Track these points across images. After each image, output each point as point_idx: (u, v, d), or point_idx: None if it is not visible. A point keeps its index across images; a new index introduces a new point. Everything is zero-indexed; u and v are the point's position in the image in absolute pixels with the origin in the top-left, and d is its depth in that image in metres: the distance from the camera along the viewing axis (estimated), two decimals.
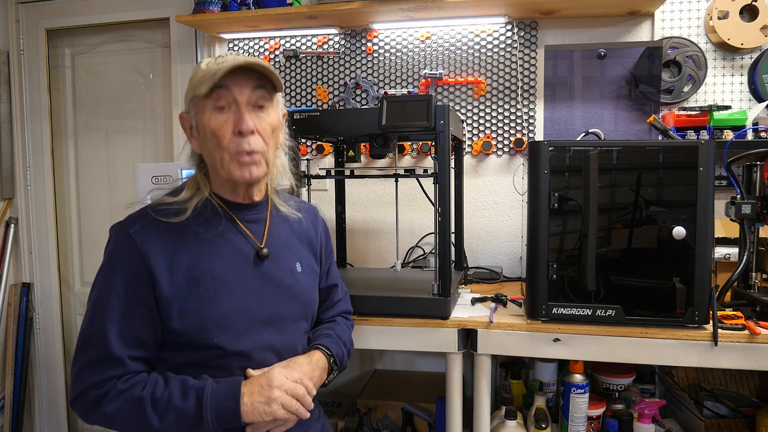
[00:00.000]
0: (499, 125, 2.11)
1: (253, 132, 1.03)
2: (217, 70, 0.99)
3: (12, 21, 2.52)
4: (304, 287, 1.18)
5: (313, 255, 1.25)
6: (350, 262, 2.11)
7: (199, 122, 1.06)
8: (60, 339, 2.61)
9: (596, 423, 1.60)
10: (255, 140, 1.04)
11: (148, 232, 1.03)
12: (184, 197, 1.08)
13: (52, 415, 2.63)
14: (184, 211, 1.05)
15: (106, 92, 2.53)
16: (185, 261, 1.03)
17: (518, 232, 2.12)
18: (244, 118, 1.02)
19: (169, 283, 1.01)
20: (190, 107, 1.08)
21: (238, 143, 1.03)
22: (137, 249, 1.01)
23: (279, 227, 1.18)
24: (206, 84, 1.00)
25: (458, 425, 1.50)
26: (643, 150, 1.38)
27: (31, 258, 2.59)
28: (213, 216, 1.09)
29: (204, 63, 1.06)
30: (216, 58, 1.05)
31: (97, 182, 2.58)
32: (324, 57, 2.23)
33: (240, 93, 1.03)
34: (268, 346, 1.07)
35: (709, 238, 1.33)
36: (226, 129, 1.03)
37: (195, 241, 1.05)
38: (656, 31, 1.98)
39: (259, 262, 1.11)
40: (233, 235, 1.10)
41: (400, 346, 1.49)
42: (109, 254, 1.04)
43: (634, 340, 1.36)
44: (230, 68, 1.00)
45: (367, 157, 2.18)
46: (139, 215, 1.06)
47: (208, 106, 1.03)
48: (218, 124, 1.03)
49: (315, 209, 1.33)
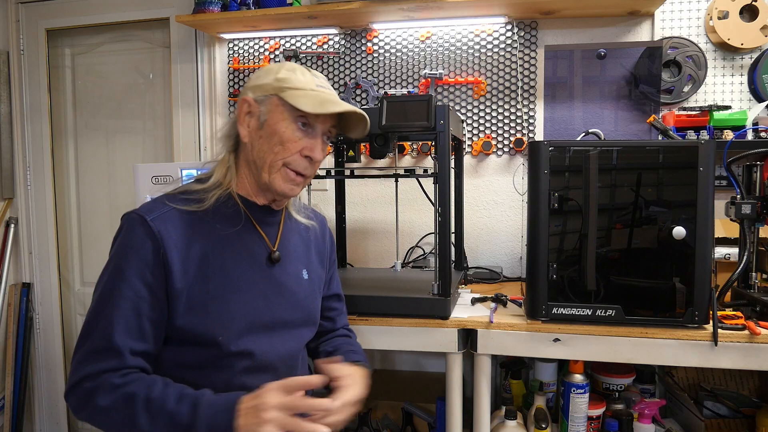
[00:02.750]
0: (499, 125, 2.11)
1: (320, 161, 1.08)
2: (326, 101, 1.03)
3: (12, 21, 2.52)
4: (308, 295, 1.18)
5: (321, 264, 1.25)
6: (350, 262, 2.11)
7: (270, 122, 1.04)
8: (60, 339, 2.61)
9: (596, 423, 1.59)
10: (313, 168, 1.08)
11: (166, 222, 1.01)
12: (210, 185, 1.08)
13: (52, 415, 2.62)
14: (205, 199, 1.05)
15: (106, 92, 2.53)
16: (198, 254, 1.02)
17: (518, 232, 2.12)
18: (319, 148, 1.07)
19: (181, 276, 0.99)
20: (265, 101, 1.05)
21: (300, 162, 1.06)
22: (155, 238, 0.99)
23: (291, 233, 1.18)
24: (311, 106, 1.01)
25: (458, 425, 1.50)
26: (643, 150, 1.38)
27: (31, 258, 2.59)
28: (232, 214, 1.08)
29: (299, 72, 1.06)
30: (310, 74, 1.07)
31: (97, 182, 2.58)
32: (324, 57, 2.23)
33: (324, 123, 1.07)
34: (269, 350, 1.07)
35: (709, 238, 1.33)
36: (297, 145, 1.04)
37: (210, 234, 1.04)
38: (656, 31, 1.98)
39: (269, 266, 1.11)
40: (248, 235, 1.09)
41: (400, 346, 1.49)
42: (122, 243, 1.01)
43: (634, 340, 1.36)
44: (344, 111, 1.04)
45: (367, 157, 2.18)
46: (156, 204, 1.04)
47: (291, 116, 1.04)
48: (293, 138, 1.04)
49: (324, 219, 1.34)
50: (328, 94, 1.06)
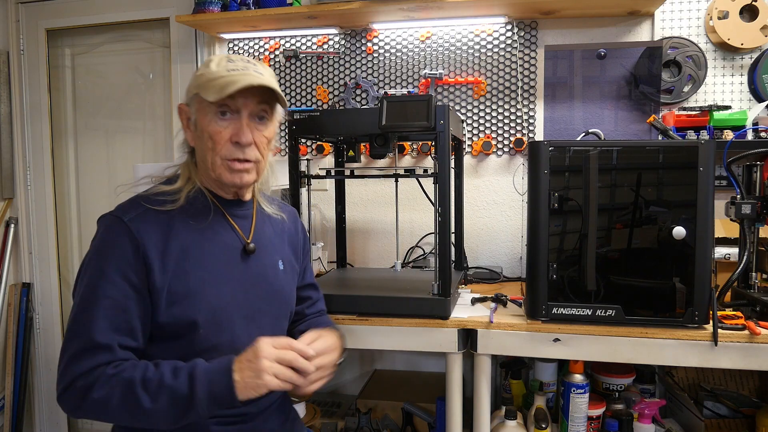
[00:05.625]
0: (499, 125, 2.11)
1: (250, 144, 1.06)
2: (228, 83, 1.00)
3: (12, 21, 2.51)
4: (284, 285, 1.21)
5: (294, 254, 1.28)
6: (350, 262, 2.11)
7: (198, 121, 1.06)
8: (60, 339, 2.60)
9: (596, 423, 1.60)
10: (250, 151, 1.06)
11: (143, 221, 1.03)
12: (179, 185, 1.09)
13: (52, 415, 2.63)
14: (178, 199, 1.06)
15: (106, 92, 2.53)
16: (176, 250, 1.03)
17: (518, 232, 2.12)
18: (243, 130, 1.05)
19: (161, 272, 1.01)
20: (192, 102, 1.08)
21: (232, 150, 1.05)
22: (133, 237, 1.00)
23: (264, 225, 1.20)
24: (214, 94, 1.01)
25: (458, 425, 1.50)
26: (643, 150, 1.38)
27: (31, 258, 2.59)
28: (204, 208, 1.10)
29: (214, 62, 1.06)
30: (227, 60, 1.05)
31: (97, 182, 2.58)
32: (324, 57, 2.23)
33: (245, 105, 1.05)
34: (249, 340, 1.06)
35: (709, 238, 1.33)
36: (224, 135, 1.04)
37: (186, 230, 1.06)
38: (656, 31, 1.98)
39: (246, 257, 1.13)
40: (222, 228, 1.11)
41: (400, 346, 1.49)
42: (99, 244, 1.03)
43: (634, 340, 1.36)
44: (243, 88, 1.00)
45: (367, 157, 2.18)
46: (131, 205, 1.06)
47: (211, 110, 1.04)
48: (217, 129, 1.04)
49: (295, 211, 1.36)
50: (236, 75, 1.02)
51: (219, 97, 1.00)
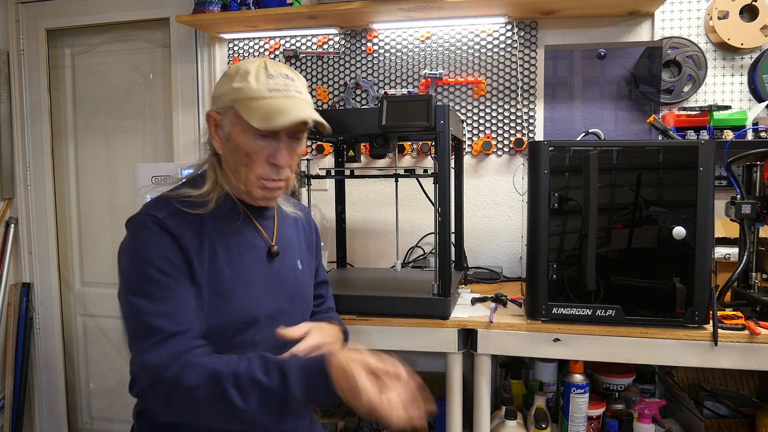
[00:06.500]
0: (499, 125, 2.11)
1: (287, 166, 1.06)
2: (274, 112, 0.98)
3: (12, 21, 2.51)
4: (304, 285, 1.22)
5: (309, 252, 1.29)
6: (350, 262, 2.11)
7: (233, 135, 1.04)
8: (60, 339, 2.61)
9: (596, 423, 1.60)
10: (284, 171, 1.07)
11: (176, 220, 1.01)
12: (207, 189, 1.08)
13: (52, 415, 2.62)
14: (207, 203, 1.05)
15: (106, 92, 2.53)
16: (208, 250, 1.03)
17: (518, 232, 2.12)
18: (282, 153, 1.04)
19: (200, 268, 1.01)
20: (226, 114, 1.04)
21: (268, 171, 1.05)
22: (170, 233, 0.99)
23: (284, 226, 1.21)
24: (259, 121, 0.98)
25: (458, 425, 1.50)
26: (643, 150, 1.38)
27: (31, 258, 2.59)
28: (231, 211, 1.10)
29: (252, 75, 1.02)
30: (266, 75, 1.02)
31: (97, 182, 2.58)
32: (324, 57, 2.23)
33: (284, 129, 1.03)
34: (272, 339, 1.08)
35: (709, 238, 1.33)
36: (261, 156, 1.03)
37: (215, 233, 1.06)
38: (656, 31, 1.98)
39: (270, 259, 1.13)
40: (248, 231, 1.12)
41: (400, 346, 1.49)
42: (137, 245, 1.00)
43: (634, 340, 1.36)
44: (292, 123, 0.99)
45: (367, 157, 2.18)
46: (161, 204, 1.04)
47: (249, 127, 1.01)
48: (255, 149, 1.03)
49: (308, 210, 1.37)
50: (279, 99, 1.01)
51: (266, 127, 0.98)
